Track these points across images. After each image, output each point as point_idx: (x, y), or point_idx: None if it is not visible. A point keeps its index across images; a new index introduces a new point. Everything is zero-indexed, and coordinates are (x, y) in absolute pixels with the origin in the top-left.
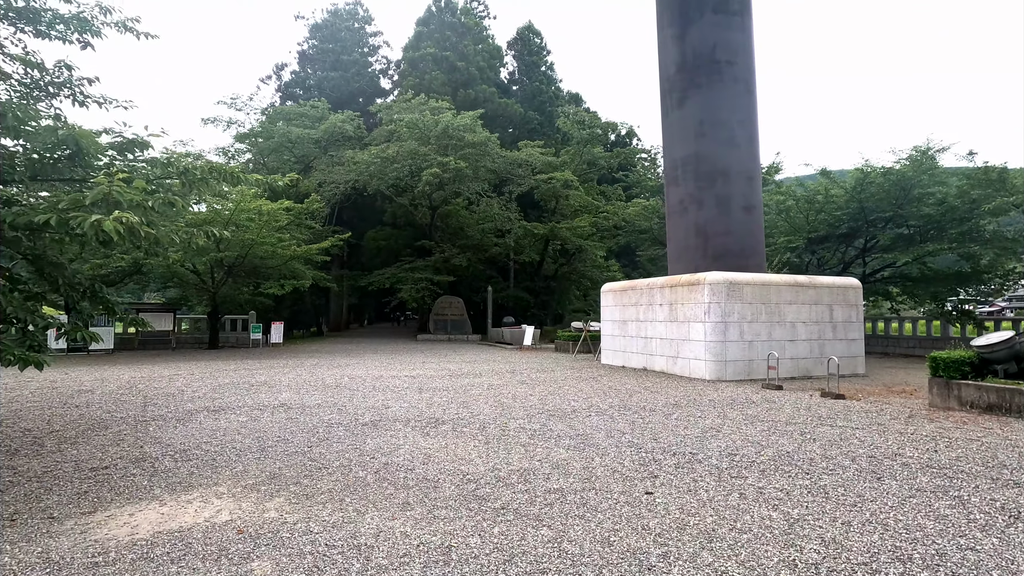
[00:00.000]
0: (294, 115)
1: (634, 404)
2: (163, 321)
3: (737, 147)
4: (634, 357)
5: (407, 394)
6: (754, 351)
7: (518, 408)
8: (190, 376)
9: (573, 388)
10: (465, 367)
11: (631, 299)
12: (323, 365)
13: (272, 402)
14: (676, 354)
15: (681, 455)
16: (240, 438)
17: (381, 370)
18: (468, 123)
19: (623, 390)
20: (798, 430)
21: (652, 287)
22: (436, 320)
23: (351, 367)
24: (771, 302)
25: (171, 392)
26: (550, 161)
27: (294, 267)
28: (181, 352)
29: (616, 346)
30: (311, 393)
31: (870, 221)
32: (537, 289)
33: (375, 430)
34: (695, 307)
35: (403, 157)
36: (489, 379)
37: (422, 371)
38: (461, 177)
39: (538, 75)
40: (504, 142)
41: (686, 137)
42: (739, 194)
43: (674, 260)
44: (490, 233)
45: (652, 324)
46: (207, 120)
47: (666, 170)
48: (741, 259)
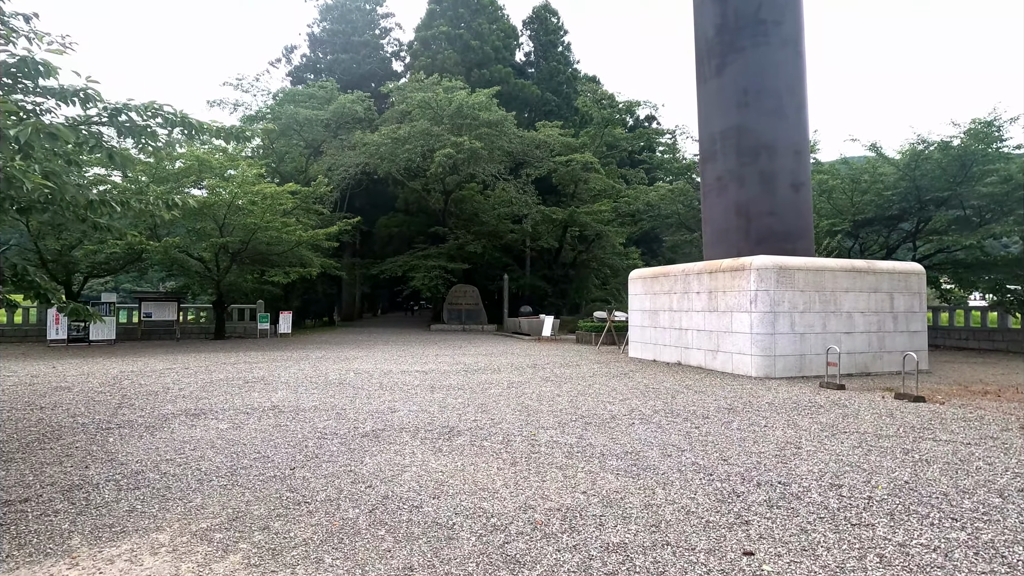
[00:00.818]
0: (303, 97)
1: (681, 408)
2: (167, 311)
3: (784, 117)
4: (667, 350)
5: (417, 394)
6: (806, 345)
7: (546, 413)
8: (184, 370)
9: (605, 387)
10: (481, 361)
11: (663, 287)
12: (329, 358)
13: (263, 404)
14: (716, 348)
15: (768, 486)
16: (212, 454)
17: (390, 364)
18: (483, 101)
19: (662, 390)
20: (897, 446)
21: (688, 274)
22: (450, 309)
23: (359, 360)
24: (825, 290)
25: (155, 390)
26: (569, 142)
27: (301, 254)
28: (184, 343)
29: (646, 338)
30: (309, 392)
31: (924, 202)
32: (555, 277)
33: (377, 443)
34: (739, 295)
35: (415, 138)
36: (509, 375)
37: (435, 365)
38: (476, 158)
39: (555, 55)
40: (520, 124)
41: (726, 107)
42: (786, 170)
43: (711, 244)
44: (506, 219)
45: (688, 314)
46: (212, 102)
47: (702, 145)
48: (788, 242)
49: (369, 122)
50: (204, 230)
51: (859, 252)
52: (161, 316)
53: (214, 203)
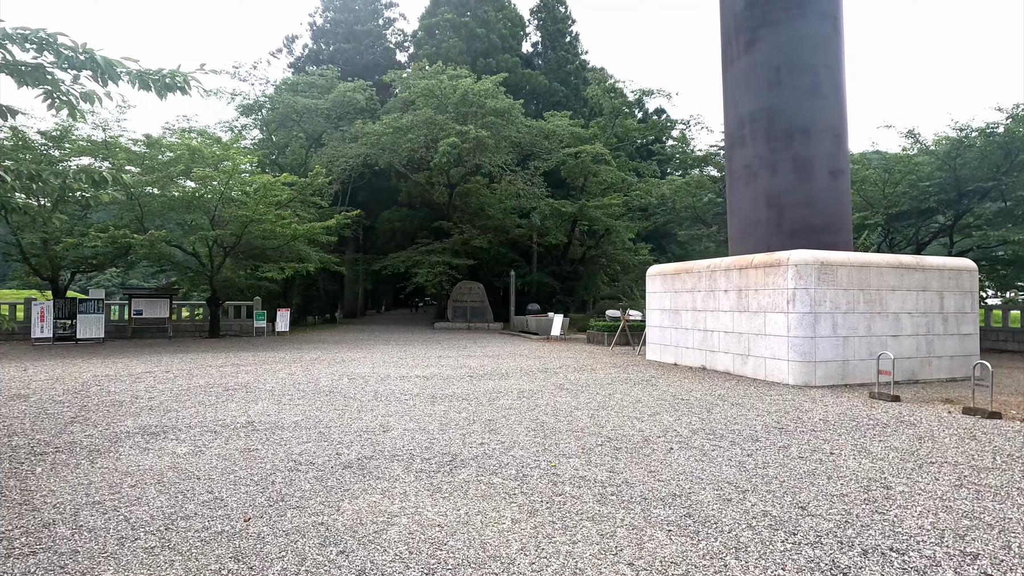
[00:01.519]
0: (303, 85)
1: (722, 427)
2: (159, 308)
3: (822, 97)
4: (689, 353)
5: (416, 406)
6: (849, 349)
7: (565, 433)
8: (163, 375)
9: (628, 397)
10: (488, 364)
11: (686, 284)
12: (324, 360)
13: (237, 419)
14: (746, 351)
15: (879, 554)
16: (153, 494)
17: (389, 367)
18: (490, 88)
19: (693, 401)
20: (1011, 485)
21: (714, 270)
22: (454, 307)
23: (355, 363)
24: (870, 288)
25: (122, 400)
26: (578, 133)
27: (298, 248)
28: (176, 342)
29: (666, 339)
30: (294, 403)
31: (963, 193)
32: (563, 274)
33: (361, 478)
34: (774, 294)
35: (418, 127)
36: (519, 382)
37: (437, 369)
38: (482, 148)
39: (562, 45)
40: (528, 116)
41: (756, 87)
42: (823, 155)
43: (738, 238)
44: (512, 213)
45: (714, 314)
46: (208, 92)
47: (728, 131)
48: (825, 235)
49: (371, 112)
50: (195, 223)
51: (888, 248)
52: (153, 313)
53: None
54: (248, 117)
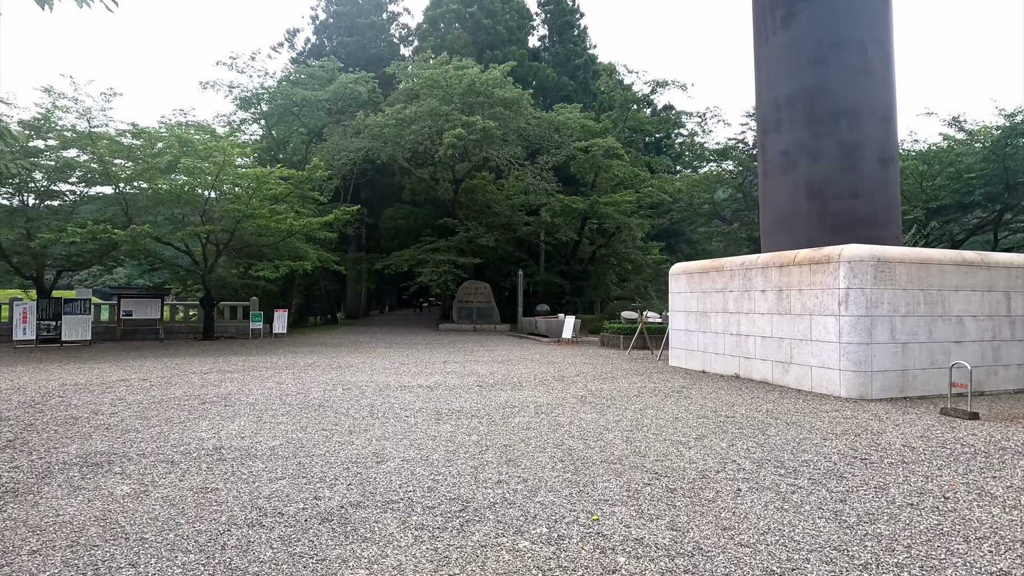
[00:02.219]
0: (303, 75)
1: (788, 456)
2: (149, 308)
3: (871, 75)
4: (720, 360)
5: (417, 426)
6: (908, 357)
7: (601, 465)
8: (139, 383)
9: (662, 413)
10: (498, 370)
11: (716, 284)
12: (319, 366)
13: (206, 442)
14: (788, 359)
15: None
16: (50, 567)
17: (389, 375)
18: (497, 78)
19: (740, 419)
20: None
21: (749, 268)
22: (460, 307)
23: (353, 370)
24: (931, 288)
25: (79, 415)
26: (589, 126)
27: (295, 246)
28: (167, 345)
29: (692, 344)
30: (276, 421)
31: (1012, 186)
32: (572, 274)
33: (341, 540)
34: (822, 295)
35: (422, 118)
36: (534, 393)
37: (442, 377)
38: (489, 140)
39: (570, 38)
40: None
41: (795, 66)
42: (872, 140)
43: (772, 233)
44: (520, 210)
45: (749, 317)
46: (206, 84)
47: (761, 115)
48: (873, 229)
49: (374, 106)
50: (185, 218)
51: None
52: (143, 314)
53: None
54: (246, 111)
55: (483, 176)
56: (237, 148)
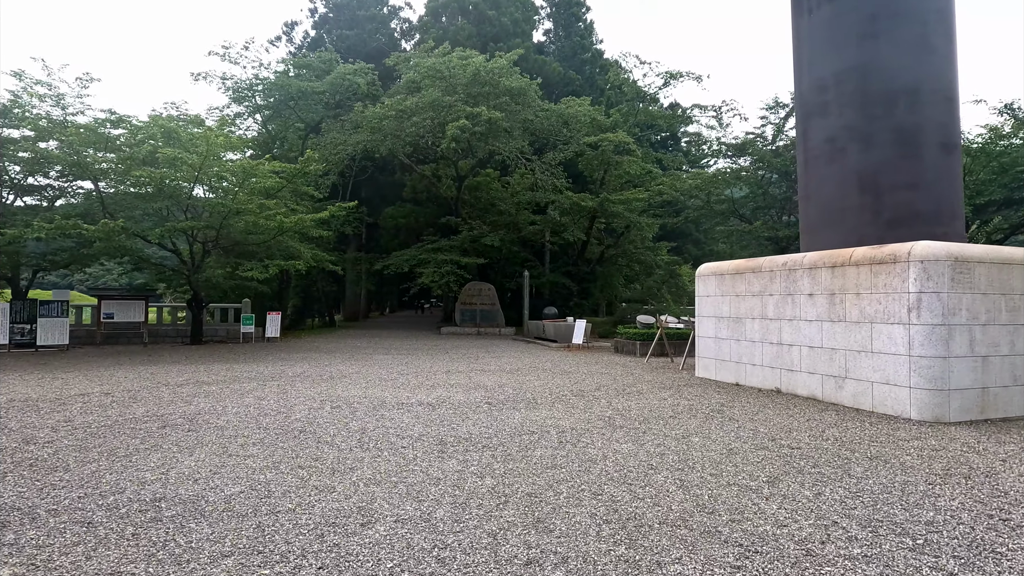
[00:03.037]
0: (301, 66)
1: (900, 513)
2: (133, 311)
3: (932, 51)
4: (756, 371)
5: (416, 462)
6: (989, 373)
7: (660, 530)
8: (101, 398)
9: (711, 442)
10: (507, 382)
11: (752, 286)
12: (309, 376)
13: (143, 489)
14: (842, 372)
15: None
16: None
17: (386, 388)
18: (503, 66)
19: (807, 450)
20: None
21: (793, 269)
22: (463, 310)
23: (345, 381)
24: (1013, 292)
25: (7, 445)
26: (599, 121)
27: (287, 244)
28: (150, 350)
29: (723, 353)
30: (245, 453)
31: None
32: (580, 275)
33: None
34: (886, 299)
35: (423, 110)
36: (553, 413)
37: (445, 391)
38: (495, 132)
39: (577, 31)
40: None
41: (843, 41)
42: (933, 124)
43: (814, 230)
44: (526, 208)
45: (793, 324)
46: (197, 75)
47: (801, 98)
48: (935, 225)
49: (374, 99)
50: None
51: None
52: (126, 317)
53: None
54: (240, 104)
55: (488, 173)
56: (222, 137)
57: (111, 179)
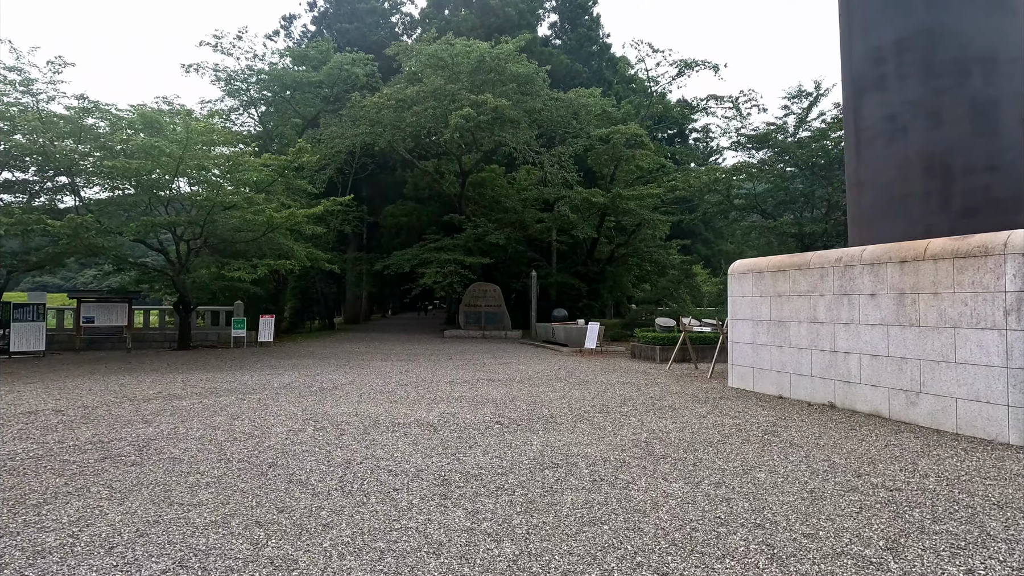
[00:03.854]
0: (297, 56)
1: None
2: (115, 314)
3: (1010, 11)
4: (804, 383)
5: (411, 516)
6: None
7: None
8: (48, 417)
9: (787, 480)
10: (519, 395)
11: (798, 285)
12: (296, 388)
13: (30, 567)
14: (916, 386)
15: None
16: None
17: (381, 402)
18: (510, 51)
19: (916, 495)
20: None
21: (850, 264)
22: (467, 312)
23: (336, 395)
24: None
25: None
26: (610, 113)
27: (278, 242)
28: (133, 356)
29: (763, 361)
30: (191, 503)
31: None
32: (589, 275)
33: None
34: (974, 300)
35: (424, 99)
36: (577, 436)
37: (448, 407)
38: (501, 121)
39: (583, 23)
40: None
41: (904, 2)
42: (1012, 96)
43: (869, 220)
44: (533, 205)
45: (850, 328)
46: (188, 67)
47: (852, 71)
48: (1016, 213)
49: (372, 91)
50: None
51: None
52: (107, 321)
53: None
54: (235, 99)
55: (492, 168)
56: (203, 124)
57: (87, 173)
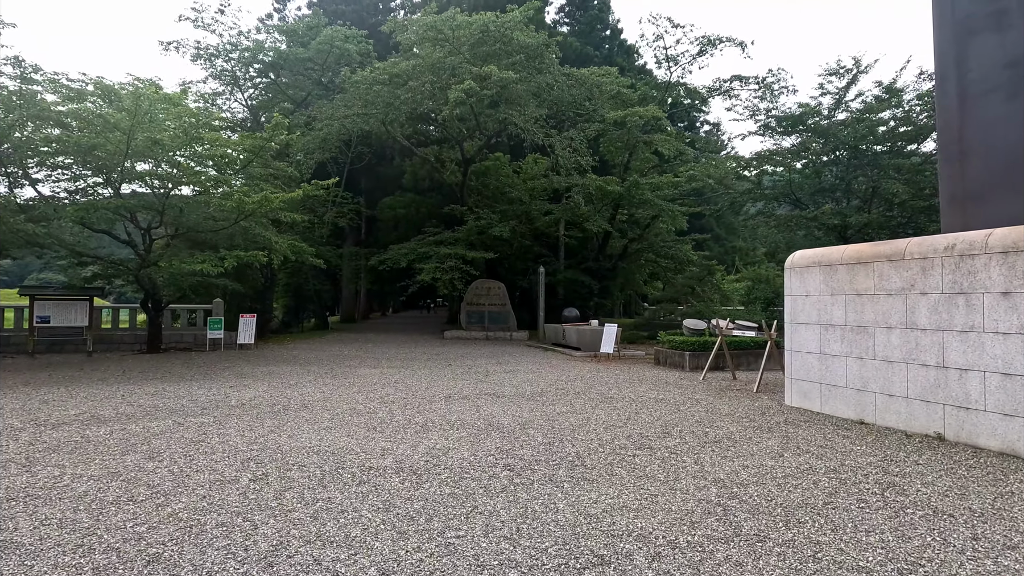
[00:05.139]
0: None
1: None
2: (74, 313)
3: None
4: (896, 406)
5: None
6: None
7: None
8: None
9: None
10: (532, 418)
11: (887, 280)
12: (256, 407)
13: None
14: None
15: None
16: None
17: (355, 429)
18: (517, 19)
19: None
20: None
21: (965, 252)
22: (469, 311)
23: (302, 417)
24: None
25: None
26: (625, 95)
27: (254, 232)
28: (92, 361)
29: (834, 375)
30: None
31: None
32: (601, 271)
33: None
34: None
35: (421, 72)
36: (619, 492)
37: (441, 437)
38: (507, 98)
39: (592, 6)
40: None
41: None
42: None
43: (979, 196)
44: (541, 196)
45: (968, 337)
46: (167, 45)
47: (954, 11)
48: None
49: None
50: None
51: None
52: (65, 321)
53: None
54: (220, 81)
55: (497, 157)
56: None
57: (21, 147)
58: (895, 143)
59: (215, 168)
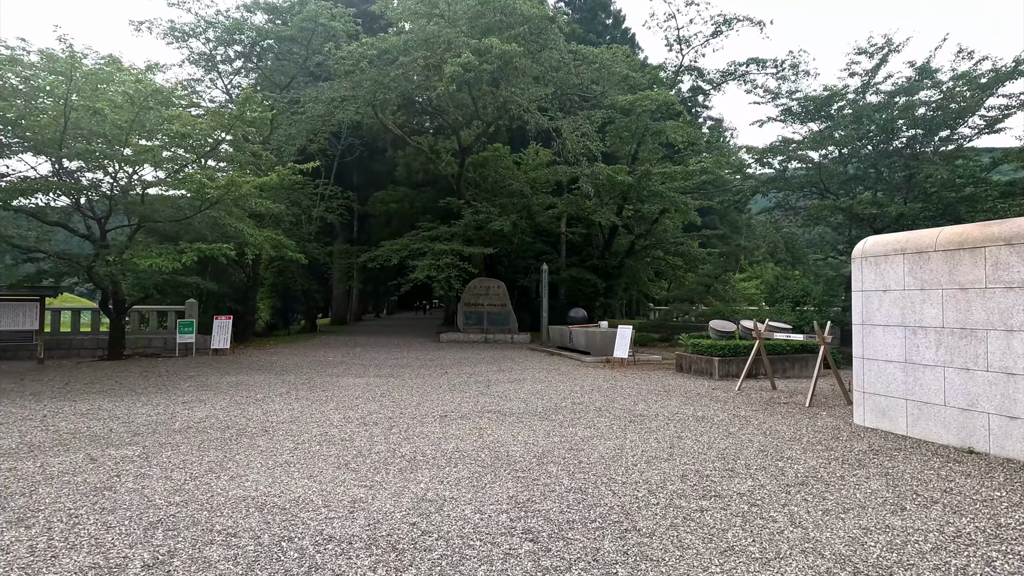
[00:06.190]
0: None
1: None
2: (22, 316)
3: None
4: (1019, 429)
5: None
6: None
7: None
8: None
9: None
10: (549, 446)
11: (1002, 271)
12: (205, 431)
13: None
14: None
15: None
16: None
17: (322, 465)
18: None
19: None
20: None
21: None
22: (467, 311)
23: (258, 446)
24: None
25: None
26: (634, 79)
27: (223, 222)
28: (38, 370)
29: (926, 391)
30: None
31: None
32: (607, 269)
33: None
34: None
35: (414, 47)
36: None
37: (434, 479)
38: (509, 74)
39: None
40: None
41: None
42: None
43: None
44: (543, 188)
45: None
46: (139, 24)
47: None
48: None
49: None
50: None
51: None
52: (12, 324)
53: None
54: (198, 66)
55: (496, 147)
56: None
57: None
58: (930, 127)
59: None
